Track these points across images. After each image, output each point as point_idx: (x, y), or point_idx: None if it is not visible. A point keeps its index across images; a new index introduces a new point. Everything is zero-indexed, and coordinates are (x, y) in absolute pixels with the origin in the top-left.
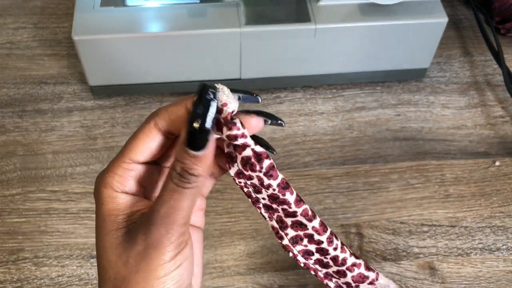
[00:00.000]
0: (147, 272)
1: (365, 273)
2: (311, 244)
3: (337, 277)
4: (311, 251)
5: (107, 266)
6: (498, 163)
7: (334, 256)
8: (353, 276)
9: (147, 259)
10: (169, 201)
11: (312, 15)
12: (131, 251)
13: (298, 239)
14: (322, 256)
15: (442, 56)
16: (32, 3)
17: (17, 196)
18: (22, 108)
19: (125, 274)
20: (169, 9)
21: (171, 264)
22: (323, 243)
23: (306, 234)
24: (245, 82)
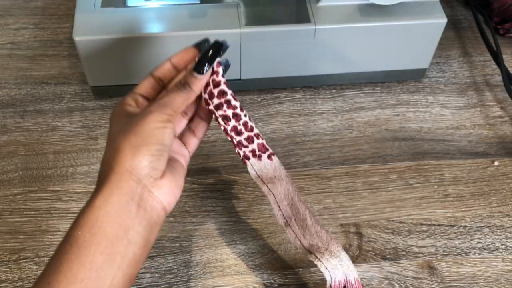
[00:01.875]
0: (141, 125)
1: (266, 145)
2: (228, 109)
3: (246, 144)
4: (229, 117)
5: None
6: (497, 163)
7: (245, 122)
8: (258, 143)
9: (145, 119)
10: (169, 95)
11: (312, 15)
12: (134, 115)
13: (220, 106)
14: (236, 122)
15: (441, 57)
16: (33, 3)
17: (19, 196)
18: (23, 108)
19: (123, 127)
20: (170, 9)
21: (158, 124)
22: (237, 108)
23: (225, 101)
24: (245, 82)
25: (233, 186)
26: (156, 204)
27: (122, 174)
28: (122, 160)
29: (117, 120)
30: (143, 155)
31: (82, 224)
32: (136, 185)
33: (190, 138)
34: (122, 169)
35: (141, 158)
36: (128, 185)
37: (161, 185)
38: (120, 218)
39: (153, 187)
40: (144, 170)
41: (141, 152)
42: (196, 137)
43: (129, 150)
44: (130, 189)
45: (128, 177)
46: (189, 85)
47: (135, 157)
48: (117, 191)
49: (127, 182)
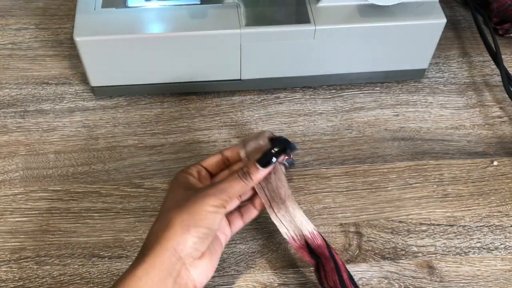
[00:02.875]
0: (196, 206)
1: None
2: None
3: None
4: None
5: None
6: (496, 163)
7: None
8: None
9: (201, 200)
10: (229, 181)
11: (312, 16)
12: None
13: None
14: None
15: (441, 57)
16: (34, 4)
17: (19, 195)
18: (24, 108)
19: (180, 201)
20: (170, 10)
21: (212, 209)
22: None
23: None
24: (245, 83)
25: None
26: (189, 282)
27: (167, 249)
28: (171, 236)
29: (176, 189)
30: (191, 235)
31: None
32: (177, 261)
33: (237, 219)
34: (168, 245)
35: (188, 238)
36: (170, 261)
37: (198, 266)
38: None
39: (191, 266)
40: (187, 249)
41: (190, 232)
42: (243, 221)
43: (179, 228)
44: (172, 265)
45: (171, 254)
46: (250, 175)
47: (183, 236)
48: (159, 265)
49: (170, 258)
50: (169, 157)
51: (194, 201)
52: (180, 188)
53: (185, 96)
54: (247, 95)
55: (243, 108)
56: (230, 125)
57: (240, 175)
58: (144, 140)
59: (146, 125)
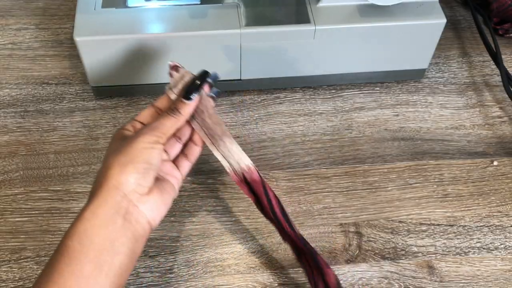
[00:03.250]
0: (131, 146)
1: None
2: None
3: None
4: None
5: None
6: (496, 163)
7: None
8: None
9: (135, 140)
10: (160, 119)
11: (312, 16)
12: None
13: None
14: None
15: (441, 57)
16: (34, 4)
17: (19, 195)
18: (24, 108)
19: (116, 148)
20: (170, 10)
21: (147, 145)
22: None
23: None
24: (245, 83)
25: (233, 186)
26: (141, 218)
27: (109, 189)
28: (110, 177)
29: (113, 142)
30: (129, 172)
31: (72, 235)
32: (122, 199)
33: (183, 161)
34: (110, 184)
35: (128, 175)
36: (114, 199)
37: (147, 201)
38: (107, 229)
39: (139, 202)
40: (130, 186)
41: (128, 169)
42: (188, 160)
43: (117, 167)
44: (116, 203)
45: (114, 192)
46: (178, 110)
47: (122, 174)
48: (103, 204)
49: (113, 196)
50: None
51: (129, 143)
52: (117, 141)
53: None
54: (247, 95)
55: (243, 108)
56: (230, 125)
57: (169, 112)
58: None
59: None
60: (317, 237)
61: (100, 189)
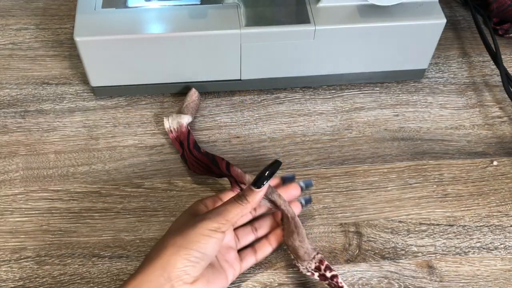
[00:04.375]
0: (192, 228)
1: None
2: None
3: None
4: None
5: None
6: (496, 163)
7: None
8: None
9: (197, 224)
10: (226, 205)
11: (312, 16)
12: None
13: None
14: None
15: (441, 57)
16: (34, 4)
17: (20, 195)
18: (24, 108)
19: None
20: (170, 10)
21: (206, 232)
22: None
23: None
24: (245, 83)
25: None
26: None
27: (155, 268)
28: (162, 256)
29: (183, 216)
30: (180, 257)
31: None
32: (165, 283)
33: (249, 255)
34: (157, 264)
35: (177, 260)
36: (158, 281)
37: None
38: None
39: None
40: (176, 271)
41: (179, 254)
42: (255, 257)
43: (171, 248)
44: (159, 284)
45: (160, 274)
46: (245, 197)
47: (173, 256)
48: (147, 283)
49: (157, 278)
50: (169, 157)
51: (191, 225)
52: (187, 215)
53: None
54: (247, 95)
55: (243, 108)
56: (230, 125)
57: (236, 199)
58: (144, 140)
59: (146, 125)
60: (317, 237)
61: (147, 266)
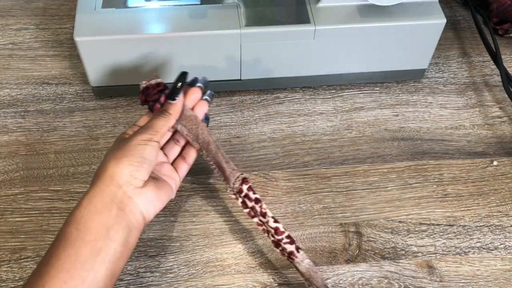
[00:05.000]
0: (127, 144)
1: None
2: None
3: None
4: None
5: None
6: (496, 163)
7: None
8: None
9: (131, 138)
10: (152, 120)
11: (312, 16)
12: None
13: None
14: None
15: (441, 57)
16: (34, 4)
17: (20, 195)
18: (24, 108)
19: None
20: (170, 10)
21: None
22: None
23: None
24: (245, 83)
25: None
26: (134, 209)
27: (105, 179)
28: (107, 169)
29: (113, 144)
30: (124, 164)
31: (70, 221)
32: (117, 189)
33: (181, 163)
34: (106, 176)
35: (122, 167)
36: (110, 189)
37: (141, 194)
38: (102, 216)
39: (133, 194)
40: (124, 177)
41: (122, 162)
42: (186, 162)
43: (113, 161)
44: (111, 192)
45: (110, 182)
46: (167, 110)
47: (117, 166)
48: (99, 193)
49: (108, 186)
50: None
51: (125, 141)
52: (116, 143)
53: None
54: (247, 95)
55: (243, 108)
56: (230, 125)
57: (159, 113)
58: None
59: None
60: (317, 237)
61: (97, 180)
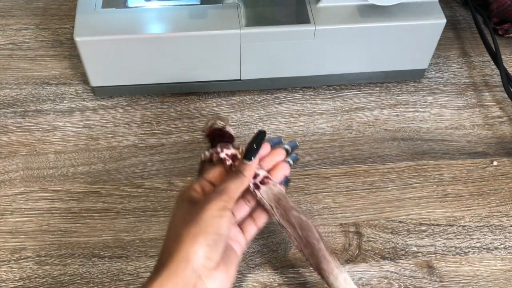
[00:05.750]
0: (201, 215)
1: None
2: None
3: None
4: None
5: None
6: (496, 163)
7: None
8: None
9: (204, 208)
10: (225, 182)
11: (312, 16)
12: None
13: None
14: None
15: (441, 57)
16: (34, 4)
17: (20, 195)
18: (24, 108)
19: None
20: (170, 10)
21: (216, 213)
22: None
23: None
24: (245, 83)
25: None
26: None
27: (180, 262)
28: (182, 248)
29: (181, 205)
30: (200, 245)
31: None
32: (192, 274)
33: (250, 225)
34: (180, 257)
35: (198, 248)
36: (185, 274)
37: (214, 278)
38: None
39: (207, 278)
40: (199, 260)
41: (199, 241)
42: (256, 225)
43: (188, 238)
44: (186, 278)
45: (185, 266)
46: (241, 171)
47: (193, 246)
48: (173, 279)
49: (183, 270)
50: (169, 157)
51: (198, 211)
52: (185, 204)
53: (185, 96)
54: (247, 95)
55: (243, 108)
56: (230, 125)
57: (233, 174)
58: (144, 140)
59: (146, 125)
60: None
61: (170, 261)
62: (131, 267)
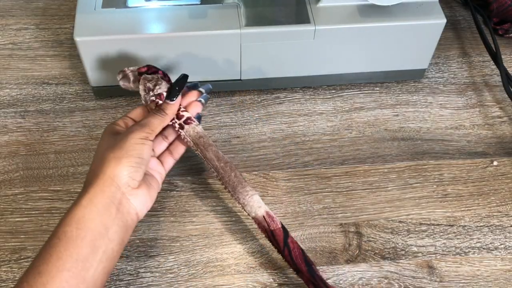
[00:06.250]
0: (124, 142)
1: None
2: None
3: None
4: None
5: (101, 143)
6: (496, 163)
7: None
8: None
9: (128, 136)
10: (148, 117)
11: (312, 16)
12: (116, 136)
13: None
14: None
15: (441, 57)
16: (34, 4)
17: (20, 195)
18: (24, 108)
19: (110, 142)
20: (170, 10)
21: (138, 140)
22: None
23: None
24: (245, 83)
25: None
26: (131, 209)
27: (105, 180)
28: (107, 169)
29: (106, 137)
30: (124, 165)
31: (69, 221)
32: (116, 190)
33: (167, 157)
34: (106, 176)
35: (122, 168)
36: (110, 190)
37: (137, 194)
38: (102, 217)
39: (130, 195)
40: (124, 178)
41: (122, 163)
42: (172, 157)
43: (113, 160)
44: (112, 193)
45: (110, 183)
46: (163, 110)
47: (117, 166)
48: (100, 194)
49: (109, 187)
50: None
51: (122, 138)
52: (109, 135)
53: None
54: (247, 95)
55: (243, 108)
56: (230, 125)
57: (156, 112)
58: None
59: None
60: (317, 237)
61: (96, 179)
62: (131, 267)
